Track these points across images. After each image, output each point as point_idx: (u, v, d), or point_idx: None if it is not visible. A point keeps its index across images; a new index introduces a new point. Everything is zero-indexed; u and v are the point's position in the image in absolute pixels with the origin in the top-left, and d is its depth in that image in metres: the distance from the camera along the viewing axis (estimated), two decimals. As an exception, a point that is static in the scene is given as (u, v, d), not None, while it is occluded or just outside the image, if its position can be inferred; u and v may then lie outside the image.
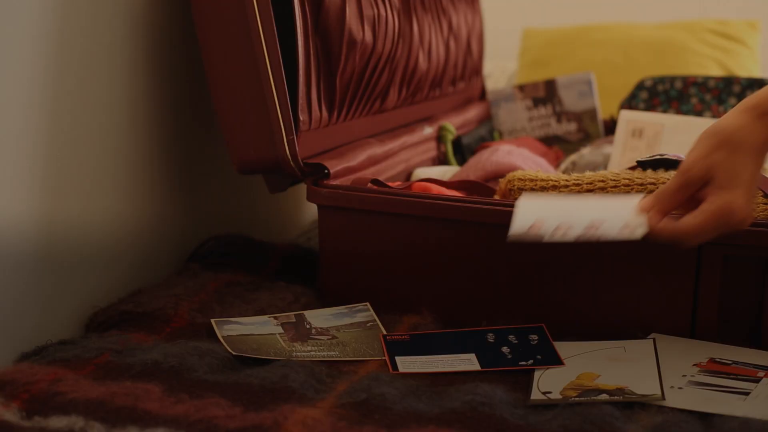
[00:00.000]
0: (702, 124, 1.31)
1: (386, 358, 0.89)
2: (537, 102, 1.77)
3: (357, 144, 1.17)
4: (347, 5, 1.08)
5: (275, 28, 1.00)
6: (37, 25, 0.92)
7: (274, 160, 1.03)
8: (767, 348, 0.91)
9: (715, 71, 1.98)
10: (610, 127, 1.75)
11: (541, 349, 0.91)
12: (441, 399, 0.79)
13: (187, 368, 0.83)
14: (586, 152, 1.46)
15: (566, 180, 1.01)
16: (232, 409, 0.75)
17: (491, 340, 0.93)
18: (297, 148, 1.03)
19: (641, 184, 0.98)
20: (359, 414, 0.76)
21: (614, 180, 1.00)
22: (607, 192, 0.99)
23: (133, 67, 1.07)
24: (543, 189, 1.01)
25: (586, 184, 1.00)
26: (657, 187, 0.98)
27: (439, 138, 1.49)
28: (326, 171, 1.05)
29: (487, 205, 0.97)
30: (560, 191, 1.01)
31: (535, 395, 0.82)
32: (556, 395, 0.81)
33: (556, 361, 0.88)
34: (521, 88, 1.78)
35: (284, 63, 1.02)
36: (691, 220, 0.83)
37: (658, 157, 1.03)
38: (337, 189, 1.02)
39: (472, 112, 1.70)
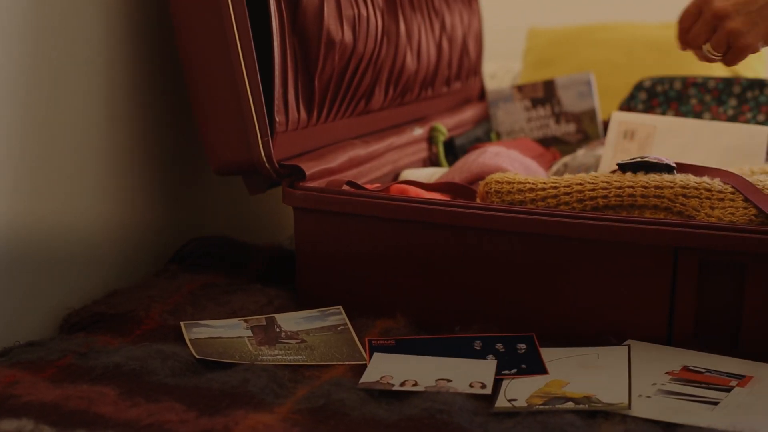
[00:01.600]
0: (696, 126, 1.29)
1: (368, 363, 0.88)
2: (536, 102, 1.75)
3: (338, 146, 1.16)
4: (325, 5, 1.07)
5: (250, 28, 0.99)
6: (11, 23, 0.92)
7: (249, 162, 1.02)
8: (746, 355, 0.89)
9: (720, 71, 1.95)
10: (610, 128, 1.73)
11: (528, 358, 0.89)
12: (402, 406, 0.78)
13: (148, 371, 0.82)
14: (580, 154, 1.44)
15: (543, 183, 1.00)
16: (186, 414, 0.74)
17: (477, 348, 0.91)
18: (272, 150, 1.02)
19: (619, 188, 0.96)
20: (315, 420, 0.74)
21: (592, 183, 0.98)
22: (585, 194, 0.97)
23: (113, 66, 1.06)
24: (520, 191, 1.00)
25: (564, 186, 0.98)
26: (635, 190, 0.96)
27: (431, 139, 1.47)
28: (302, 173, 1.04)
29: (459, 208, 0.96)
30: (537, 194, 0.99)
31: (500, 402, 0.80)
32: (521, 403, 0.80)
33: (540, 370, 0.86)
34: (520, 88, 1.76)
35: (263, 64, 1.01)
36: None
37: (639, 159, 1.01)
38: (311, 191, 1.01)
39: (469, 113, 1.68)
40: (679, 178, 0.96)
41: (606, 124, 1.72)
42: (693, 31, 1.05)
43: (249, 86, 1.00)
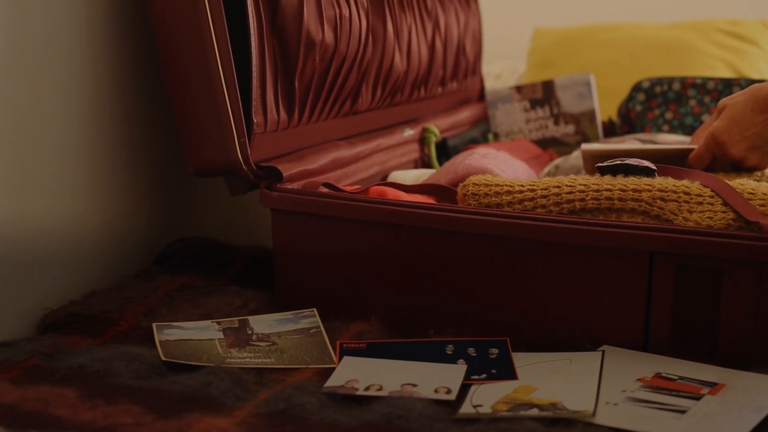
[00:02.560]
0: (670, 153, 1.12)
1: (337, 366, 0.87)
2: (534, 103, 1.73)
3: (321, 147, 1.15)
4: (305, 5, 1.06)
5: (226, 28, 0.99)
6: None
7: (226, 163, 1.02)
8: (723, 363, 0.87)
9: (724, 72, 1.92)
10: (609, 129, 1.71)
11: (499, 363, 0.88)
12: (362, 411, 0.77)
13: (112, 373, 0.82)
14: (573, 156, 1.42)
15: (521, 185, 0.98)
16: (143, 417, 0.73)
17: (449, 352, 0.90)
18: (249, 151, 1.01)
19: (596, 191, 0.95)
20: (271, 425, 0.74)
21: (569, 186, 0.96)
22: (562, 198, 0.96)
23: (95, 66, 1.06)
24: (497, 194, 0.98)
25: (541, 189, 0.97)
26: (612, 194, 0.94)
27: (422, 140, 1.46)
28: (279, 174, 1.03)
29: (430, 210, 0.95)
30: (514, 197, 0.98)
31: (465, 408, 0.79)
32: (486, 409, 0.78)
33: (510, 376, 0.85)
34: (518, 89, 1.75)
35: (243, 66, 1.01)
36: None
37: (618, 162, 0.99)
38: (287, 193, 1.01)
39: (465, 114, 1.67)
40: (658, 181, 0.95)
41: (605, 126, 1.70)
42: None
43: (225, 86, 0.99)
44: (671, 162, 1.09)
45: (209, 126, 1.01)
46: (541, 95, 1.73)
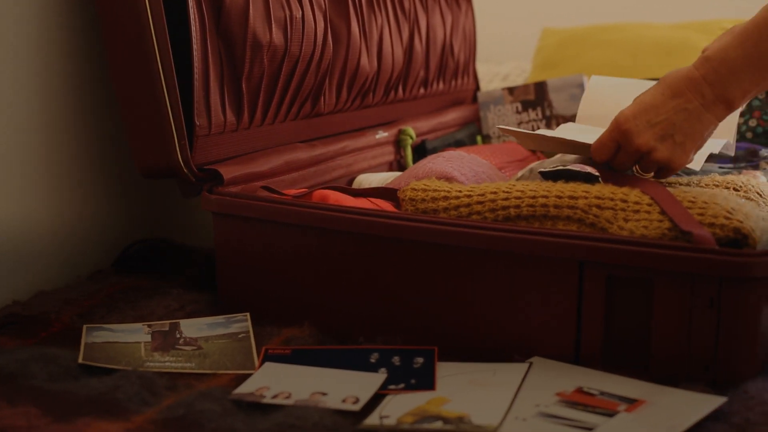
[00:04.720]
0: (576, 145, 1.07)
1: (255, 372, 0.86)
2: (526, 105, 1.70)
3: (275, 149, 1.14)
4: (251, 7, 1.05)
5: (166, 30, 0.98)
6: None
7: (167, 165, 1.01)
8: (656, 377, 0.84)
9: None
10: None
11: (420, 372, 0.86)
12: (261, 419, 0.76)
13: (25, 375, 0.82)
14: (550, 159, 1.38)
15: (458, 191, 0.96)
16: (39, 420, 0.73)
17: (373, 360, 0.89)
18: (189, 153, 1.01)
19: (533, 197, 0.92)
20: (164, 431, 0.73)
21: (506, 192, 0.94)
22: (497, 204, 0.93)
23: (49, 64, 1.06)
24: (433, 200, 0.96)
25: (477, 195, 0.95)
26: (548, 200, 0.92)
27: (398, 142, 1.44)
28: (220, 177, 1.02)
29: (359, 215, 0.93)
30: (450, 202, 0.95)
31: (371, 420, 0.77)
32: (392, 421, 0.77)
33: (428, 386, 0.83)
34: (510, 90, 1.71)
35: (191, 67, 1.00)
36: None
37: (561, 168, 0.96)
38: (224, 196, 1.00)
39: (452, 116, 1.64)
40: (597, 188, 0.92)
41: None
42: (617, 162, 0.97)
43: (166, 88, 0.99)
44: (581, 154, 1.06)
45: (151, 127, 1.01)
46: (533, 97, 1.70)
